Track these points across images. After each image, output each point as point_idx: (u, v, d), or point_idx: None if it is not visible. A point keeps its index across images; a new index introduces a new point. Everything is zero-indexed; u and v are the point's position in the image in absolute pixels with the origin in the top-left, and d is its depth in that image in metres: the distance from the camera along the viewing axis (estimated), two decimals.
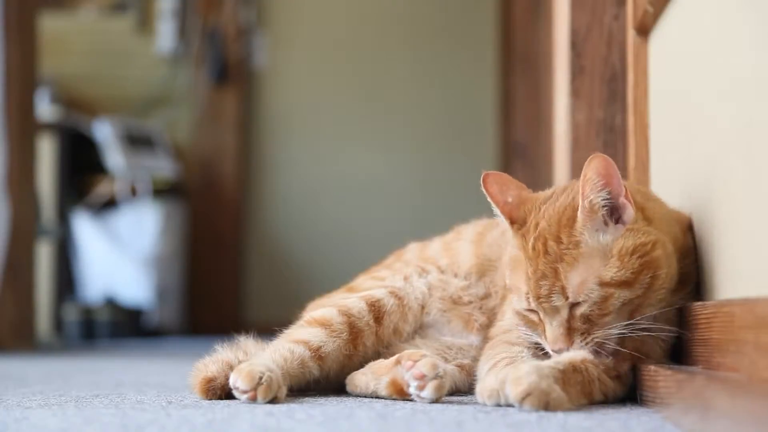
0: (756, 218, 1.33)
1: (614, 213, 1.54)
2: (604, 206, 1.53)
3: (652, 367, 1.54)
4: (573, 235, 1.53)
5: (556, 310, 1.54)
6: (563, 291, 1.52)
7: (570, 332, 1.54)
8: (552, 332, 1.55)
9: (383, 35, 6.04)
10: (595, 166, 1.52)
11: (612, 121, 2.30)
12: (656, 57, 2.04)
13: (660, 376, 1.48)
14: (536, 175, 4.55)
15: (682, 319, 1.60)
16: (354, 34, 6.05)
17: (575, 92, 2.32)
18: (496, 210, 1.63)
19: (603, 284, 1.51)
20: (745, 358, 1.24)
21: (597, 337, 1.53)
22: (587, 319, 1.53)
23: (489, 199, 1.63)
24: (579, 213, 1.53)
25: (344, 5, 6.09)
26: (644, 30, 2.09)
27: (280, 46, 6.01)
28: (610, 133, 2.30)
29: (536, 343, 1.62)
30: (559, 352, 1.55)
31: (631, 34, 2.14)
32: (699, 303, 1.54)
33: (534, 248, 1.55)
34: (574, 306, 1.53)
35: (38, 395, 1.82)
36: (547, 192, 1.65)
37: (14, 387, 2.06)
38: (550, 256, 1.53)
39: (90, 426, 1.33)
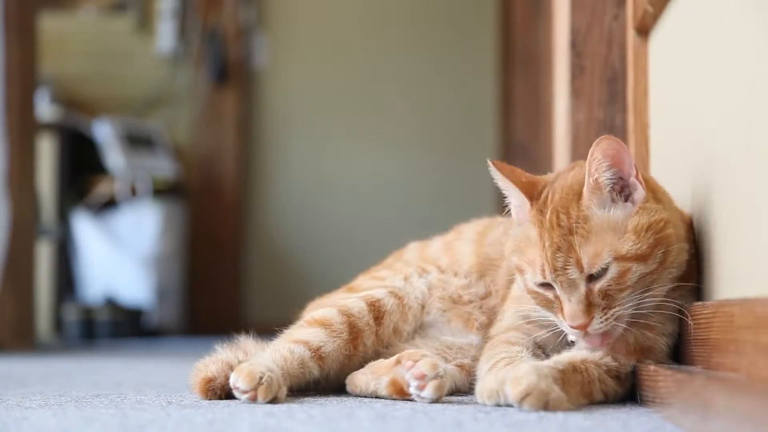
0: (756, 218, 1.33)
1: (623, 191, 1.55)
2: (609, 184, 1.54)
3: (652, 367, 1.54)
4: (581, 210, 1.54)
5: (573, 284, 1.53)
6: (578, 263, 1.52)
7: (589, 308, 1.53)
8: (570, 308, 1.54)
9: (383, 35, 6.04)
10: (602, 147, 1.54)
11: (612, 121, 2.30)
12: (656, 57, 2.04)
13: (660, 376, 1.48)
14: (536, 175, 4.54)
15: (682, 319, 1.60)
16: (354, 34, 6.05)
17: (575, 92, 2.32)
18: (512, 188, 1.62)
19: (619, 258, 1.51)
20: (745, 358, 1.24)
21: (617, 312, 1.53)
22: (606, 294, 1.53)
23: (504, 181, 1.62)
24: (584, 189, 1.55)
25: (344, 5, 6.09)
26: (644, 30, 2.09)
27: (280, 46, 6.01)
28: (610, 133, 2.29)
29: (550, 327, 1.61)
30: (578, 328, 1.54)
31: (631, 34, 2.14)
32: (699, 303, 1.54)
33: (550, 220, 1.55)
34: (591, 281, 1.53)
35: (38, 395, 1.82)
36: (558, 172, 1.68)
37: (14, 387, 2.06)
38: (563, 228, 1.54)
39: (90, 426, 1.33)
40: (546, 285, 1.57)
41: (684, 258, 1.58)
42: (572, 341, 1.60)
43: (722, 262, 1.52)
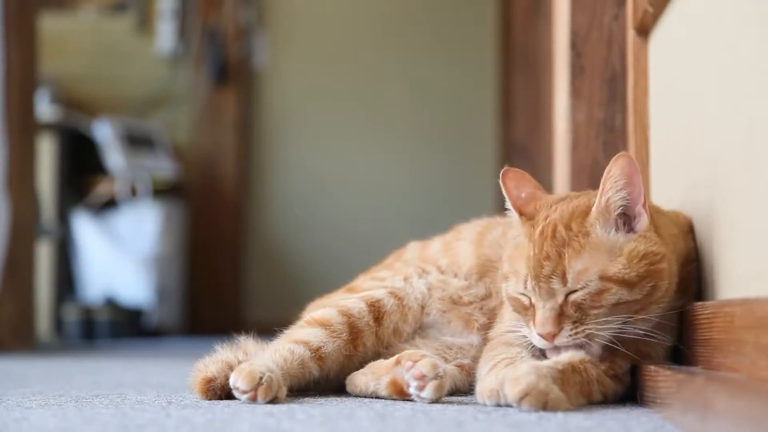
0: (756, 218, 1.33)
1: (627, 223, 1.55)
2: (620, 207, 1.54)
3: (652, 367, 1.54)
4: (584, 226, 1.54)
5: (552, 293, 1.53)
6: (563, 275, 1.52)
7: (561, 318, 1.53)
8: (543, 314, 1.54)
9: (383, 35, 6.04)
10: (621, 164, 1.53)
11: (612, 121, 2.30)
12: (656, 57, 2.04)
13: (660, 376, 1.48)
14: (536, 175, 4.52)
15: (682, 322, 1.60)
16: (354, 34, 6.05)
17: (575, 92, 2.32)
18: (508, 203, 1.64)
19: (604, 278, 1.51)
20: (745, 359, 1.24)
21: (588, 329, 1.53)
22: (579, 307, 1.52)
23: (504, 193, 1.64)
24: (594, 208, 1.54)
25: (344, 5, 6.09)
26: (644, 30, 2.09)
27: (280, 46, 6.01)
28: (610, 133, 2.30)
29: (531, 344, 1.61)
30: (546, 337, 1.53)
31: (631, 34, 2.14)
32: (699, 303, 1.54)
33: (542, 233, 1.55)
34: (569, 293, 1.53)
35: (38, 395, 1.82)
36: (561, 195, 1.67)
37: (14, 387, 2.06)
38: (557, 240, 1.53)
39: (90, 426, 1.33)
40: (525, 295, 1.58)
41: (672, 293, 1.57)
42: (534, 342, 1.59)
43: (723, 262, 1.52)
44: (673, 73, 1.89)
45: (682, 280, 1.60)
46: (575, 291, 1.52)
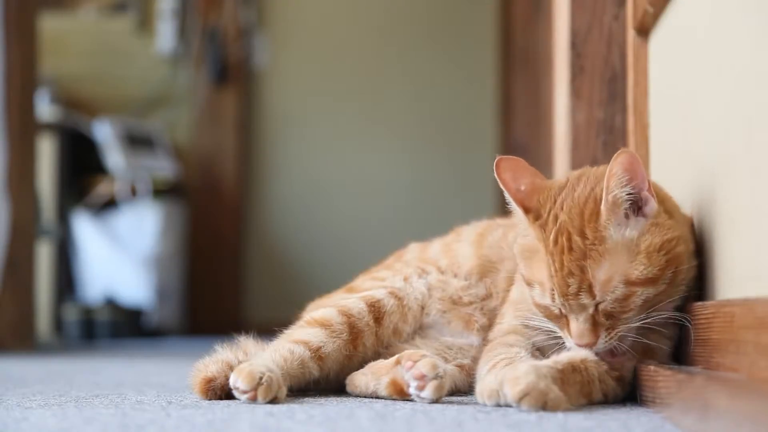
0: (756, 218, 1.33)
1: (636, 209, 1.54)
2: (627, 200, 1.53)
3: (652, 367, 1.54)
4: (598, 230, 1.52)
5: (582, 307, 1.53)
6: (590, 289, 1.52)
7: (596, 327, 1.53)
8: (578, 327, 1.54)
9: (383, 35, 6.04)
10: (621, 161, 1.52)
11: (612, 121, 2.30)
12: (656, 57, 2.04)
13: (660, 376, 1.48)
14: None
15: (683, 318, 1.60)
16: (354, 34, 6.05)
17: (575, 92, 2.31)
18: (508, 197, 1.62)
19: (628, 283, 1.51)
20: (745, 358, 1.24)
21: (621, 332, 1.54)
22: (610, 315, 1.53)
23: (501, 186, 1.62)
24: (602, 207, 1.53)
25: (344, 5, 6.09)
26: (644, 30, 2.09)
27: (280, 46, 6.01)
28: (610, 133, 2.29)
29: (552, 336, 1.61)
30: (585, 347, 1.54)
31: (631, 34, 2.14)
32: (699, 303, 1.54)
33: (557, 242, 1.54)
34: (598, 303, 1.53)
35: (38, 395, 1.82)
36: (561, 180, 1.64)
37: (14, 387, 2.05)
38: (576, 252, 1.52)
39: (90, 426, 1.33)
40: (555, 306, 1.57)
41: (693, 274, 1.58)
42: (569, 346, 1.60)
43: (723, 262, 1.52)
44: (673, 73, 1.89)
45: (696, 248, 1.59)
46: (603, 301, 1.52)
